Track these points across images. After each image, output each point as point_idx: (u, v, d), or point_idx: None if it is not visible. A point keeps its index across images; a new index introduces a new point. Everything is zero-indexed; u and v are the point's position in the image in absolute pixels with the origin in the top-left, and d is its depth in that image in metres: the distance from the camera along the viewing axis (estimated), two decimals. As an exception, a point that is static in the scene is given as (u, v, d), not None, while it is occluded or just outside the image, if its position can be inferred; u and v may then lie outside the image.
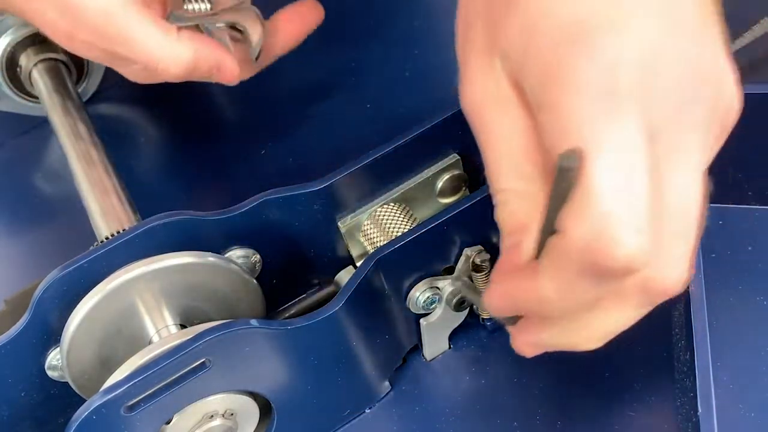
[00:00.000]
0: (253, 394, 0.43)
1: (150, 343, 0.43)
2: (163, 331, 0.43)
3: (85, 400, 0.38)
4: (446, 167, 0.47)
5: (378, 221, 0.47)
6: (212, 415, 0.42)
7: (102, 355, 0.43)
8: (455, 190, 0.48)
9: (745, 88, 0.34)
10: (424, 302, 0.46)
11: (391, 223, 0.46)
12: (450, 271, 0.45)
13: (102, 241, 0.45)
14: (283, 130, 0.60)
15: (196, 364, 0.39)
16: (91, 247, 0.43)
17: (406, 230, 0.45)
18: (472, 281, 0.45)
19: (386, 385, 0.48)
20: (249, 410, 0.43)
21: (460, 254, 0.45)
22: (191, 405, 0.41)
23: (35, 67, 0.59)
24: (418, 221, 0.46)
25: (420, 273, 0.45)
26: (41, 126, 0.62)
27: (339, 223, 0.47)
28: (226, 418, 0.42)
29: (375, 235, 0.47)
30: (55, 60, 0.59)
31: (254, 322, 0.40)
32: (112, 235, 0.44)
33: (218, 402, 0.42)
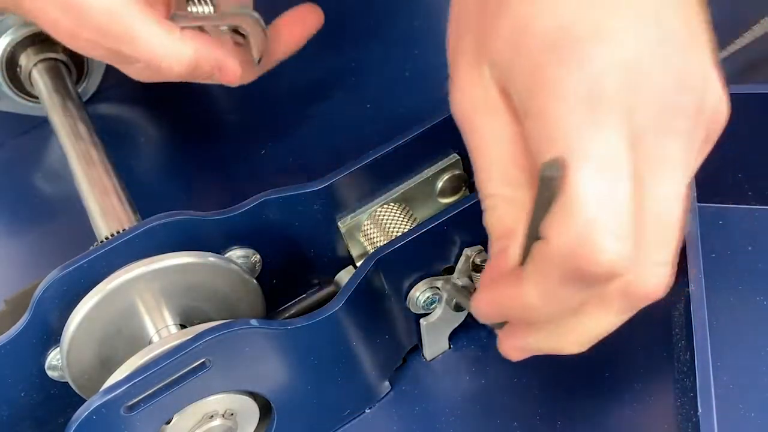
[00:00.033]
0: (253, 394, 0.43)
1: (150, 343, 0.43)
2: (163, 331, 0.43)
3: (85, 400, 0.38)
4: (446, 167, 0.47)
5: (378, 221, 0.47)
6: (212, 415, 0.42)
7: (102, 355, 0.43)
8: (455, 190, 0.48)
9: (745, 88, 0.34)
10: (424, 302, 0.46)
11: (391, 223, 0.46)
12: (450, 271, 0.45)
13: (102, 241, 0.45)
14: (283, 130, 0.60)
15: (196, 364, 0.39)
16: (91, 247, 0.43)
17: (406, 230, 0.45)
18: (473, 281, 0.45)
19: (386, 385, 0.48)
20: (249, 410, 0.43)
21: (460, 254, 0.45)
22: (191, 405, 0.41)
23: (35, 67, 0.59)
24: (418, 221, 0.46)
25: (420, 273, 0.45)
26: (41, 126, 0.62)
27: (339, 223, 0.47)
28: (226, 418, 0.42)
29: (375, 235, 0.47)
30: (55, 60, 0.59)
31: (254, 322, 0.40)
32: (112, 235, 0.44)
33: (218, 402, 0.42)
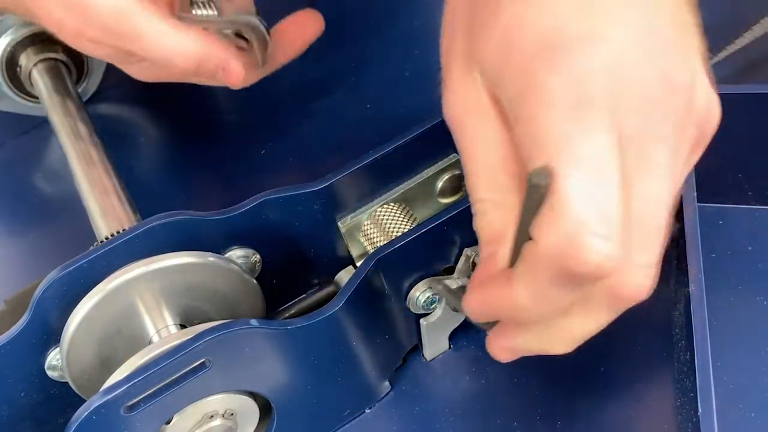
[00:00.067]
0: (253, 394, 0.43)
1: (150, 343, 0.43)
2: (163, 331, 0.43)
3: (85, 400, 0.38)
4: (446, 167, 0.47)
5: (378, 221, 0.47)
6: (212, 415, 0.42)
7: (102, 355, 0.43)
8: (455, 190, 0.48)
9: (745, 88, 0.34)
10: (424, 302, 0.46)
11: (391, 223, 0.46)
12: (450, 271, 0.45)
13: (102, 241, 0.45)
14: (283, 130, 0.60)
15: (196, 364, 0.39)
16: (91, 247, 0.43)
17: (406, 230, 0.45)
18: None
19: (386, 385, 0.48)
20: (249, 410, 0.43)
21: (460, 254, 0.45)
22: (191, 405, 0.41)
23: (35, 67, 0.59)
24: (418, 221, 0.46)
25: (420, 273, 0.45)
26: (41, 126, 0.62)
27: (339, 223, 0.47)
28: (226, 418, 0.42)
29: (375, 235, 0.47)
30: (55, 60, 0.59)
31: (254, 322, 0.40)
32: (112, 235, 0.44)
33: (218, 402, 0.42)
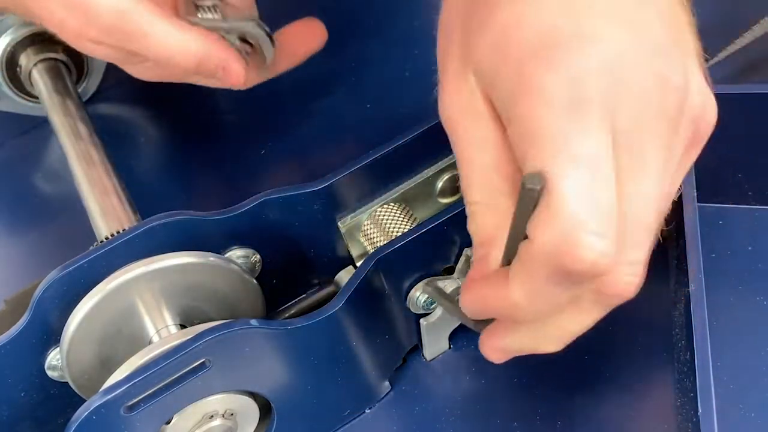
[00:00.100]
0: (253, 394, 0.43)
1: (150, 343, 0.43)
2: (163, 331, 0.43)
3: (85, 400, 0.38)
4: (446, 167, 0.47)
5: (378, 221, 0.47)
6: (212, 415, 0.42)
7: (102, 355, 0.43)
8: (455, 190, 0.48)
9: (745, 88, 0.34)
10: (424, 302, 0.46)
11: (391, 223, 0.46)
12: (450, 271, 0.45)
13: (102, 241, 0.45)
14: (283, 130, 0.60)
15: (196, 364, 0.39)
16: (91, 247, 0.43)
17: (406, 230, 0.45)
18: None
19: (386, 385, 0.48)
20: (249, 410, 0.43)
21: (460, 254, 0.45)
22: (191, 405, 0.41)
23: (35, 67, 0.59)
24: (418, 221, 0.46)
25: (420, 273, 0.45)
26: (41, 126, 0.62)
27: (339, 223, 0.47)
28: (226, 418, 0.42)
29: (375, 235, 0.47)
30: (55, 60, 0.59)
31: (254, 322, 0.40)
32: (112, 235, 0.44)
33: (218, 402, 0.42)
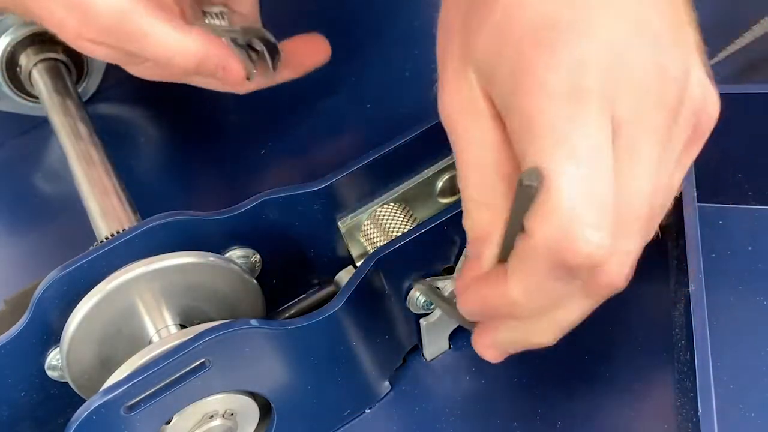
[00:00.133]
0: (253, 394, 0.43)
1: (150, 343, 0.43)
2: (163, 331, 0.43)
3: (85, 400, 0.38)
4: (446, 167, 0.47)
5: (378, 221, 0.47)
6: (212, 415, 0.42)
7: (102, 355, 0.43)
8: (455, 190, 0.48)
9: (745, 88, 0.34)
10: (424, 302, 0.46)
11: (391, 223, 0.46)
12: (450, 271, 0.45)
13: (102, 241, 0.45)
14: (283, 130, 0.60)
15: (196, 364, 0.39)
16: (91, 247, 0.43)
17: (406, 230, 0.45)
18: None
19: (386, 385, 0.48)
20: (249, 410, 0.43)
21: (460, 254, 0.45)
22: (191, 405, 0.41)
23: (35, 67, 0.59)
24: (418, 221, 0.46)
25: (420, 273, 0.45)
26: (41, 126, 0.62)
27: (339, 223, 0.47)
28: (226, 418, 0.42)
29: (375, 235, 0.47)
30: (55, 60, 0.59)
31: (254, 322, 0.40)
32: (112, 235, 0.44)
33: (218, 402, 0.42)
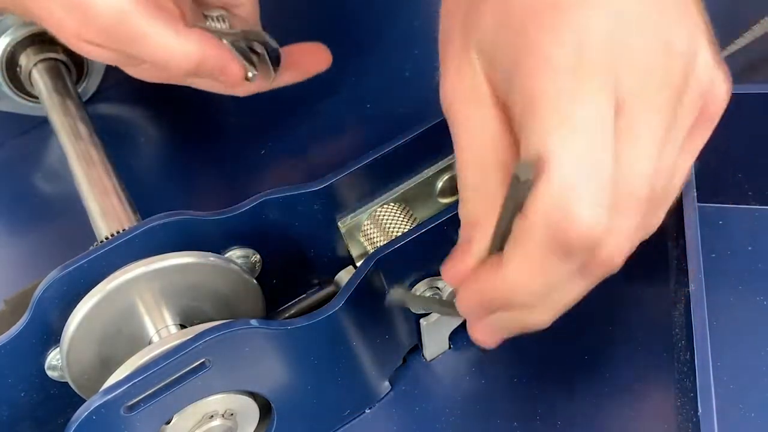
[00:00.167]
0: (253, 394, 0.43)
1: (150, 343, 0.43)
2: (163, 331, 0.43)
3: (85, 400, 0.38)
4: (446, 167, 0.47)
5: (378, 221, 0.47)
6: (212, 415, 0.42)
7: (102, 355, 0.43)
8: (455, 190, 0.48)
9: (745, 87, 0.34)
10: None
11: (391, 223, 0.46)
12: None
13: (102, 241, 0.45)
14: (283, 130, 0.60)
15: (196, 364, 0.39)
16: (91, 247, 0.43)
17: (406, 230, 0.45)
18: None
19: (386, 385, 0.48)
20: (249, 410, 0.43)
21: (460, 254, 0.45)
22: (191, 405, 0.41)
23: (35, 67, 0.59)
24: (418, 221, 0.46)
25: (420, 273, 0.45)
26: (41, 126, 0.62)
27: (339, 223, 0.47)
28: (226, 418, 0.42)
29: (375, 235, 0.46)
30: (55, 60, 0.59)
31: (254, 322, 0.40)
32: (112, 235, 0.44)
33: (218, 402, 0.42)
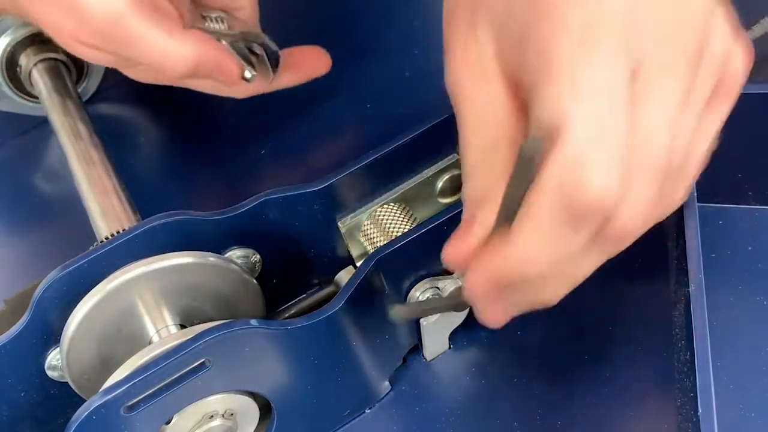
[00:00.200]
0: (253, 394, 0.43)
1: (150, 343, 0.43)
2: (163, 331, 0.43)
3: (85, 400, 0.38)
4: (446, 167, 0.47)
5: (378, 221, 0.47)
6: (212, 415, 0.42)
7: (102, 355, 0.43)
8: (455, 190, 0.48)
9: (745, 87, 0.34)
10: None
11: (391, 223, 0.46)
12: (450, 272, 0.45)
13: (102, 241, 0.45)
14: (283, 131, 0.60)
15: (196, 364, 0.39)
16: (91, 247, 0.43)
17: (406, 230, 0.45)
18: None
19: (386, 385, 0.48)
20: (249, 410, 0.43)
21: (460, 254, 0.45)
22: (191, 405, 0.41)
23: (35, 67, 0.59)
24: (418, 221, 0.46)
25: (420, 273, 0.45)
26: (41, 126, 0.62)
27: (339, 223, 0.47)
28: (226, 418, 0.42)
29: (375, 235, 0.47)
30: (55, 60, 0.59)
31: (254, 322, 0.40)
32: (112, 235, 0.44)
33: (218, 402, 0.42)
